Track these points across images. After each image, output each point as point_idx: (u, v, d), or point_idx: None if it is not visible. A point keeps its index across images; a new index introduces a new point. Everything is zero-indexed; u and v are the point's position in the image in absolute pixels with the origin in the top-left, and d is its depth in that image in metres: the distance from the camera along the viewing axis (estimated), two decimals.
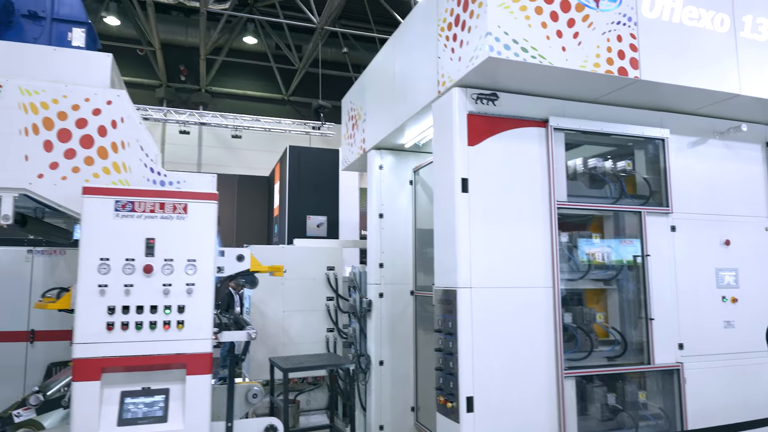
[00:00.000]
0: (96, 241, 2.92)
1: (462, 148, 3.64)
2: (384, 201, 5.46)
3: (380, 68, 5.31)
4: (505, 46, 3.30)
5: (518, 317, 3.67)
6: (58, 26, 3.91)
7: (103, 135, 3.39)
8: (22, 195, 3.26)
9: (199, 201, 3.12)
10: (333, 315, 6.01)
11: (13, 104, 3.25)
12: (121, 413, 2.90)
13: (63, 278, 5.73)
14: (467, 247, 3.58)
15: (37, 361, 5.59)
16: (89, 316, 2.88)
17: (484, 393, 3.51)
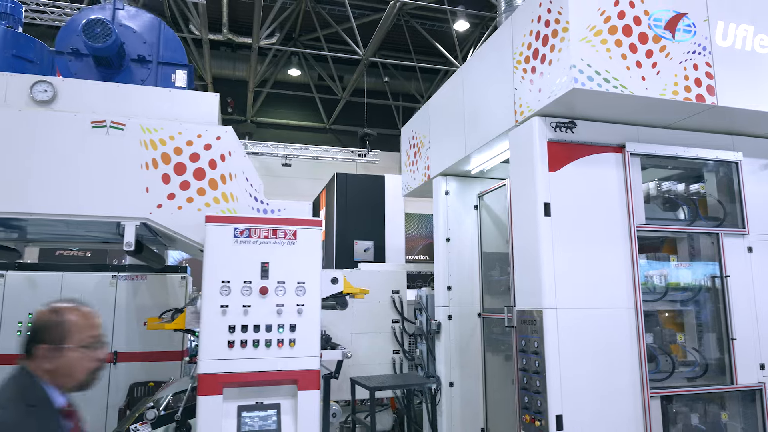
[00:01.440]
0: (218, 265, 3.17)
1: (543, 174, 3.82)
2: (450, 225, 5.64)
3: (447, 98, 5.55)
4: (588, 77, 3.50)
5: (602, 337, 3.76)
6: (163, 69, 4.28)
7: (214, 168, 3.69)
8: (142, 224, 3.56)
9: (306, 227, 3.36)
10: (399, 337, 6.15)
11: (135, 141, 3.58)
12: (240, 426, 3.10)
13: (144, 302, 6.06)
14: (551, 269, 3.72)
15: (119, 382, 5.88)
16: (212, 335, 3.11)
17: (572, 411, 3.60)
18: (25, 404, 1.68)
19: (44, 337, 1.77)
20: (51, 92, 3.51)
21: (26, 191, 3.38)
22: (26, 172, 3.39)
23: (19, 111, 3.45)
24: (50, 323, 1.80)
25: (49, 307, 1.86)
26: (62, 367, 1.76)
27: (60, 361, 1.75)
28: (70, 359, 1.77)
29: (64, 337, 1.77)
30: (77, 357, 1.78)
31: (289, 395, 3.26)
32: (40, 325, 1.81)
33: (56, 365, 1.75)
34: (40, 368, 1.76)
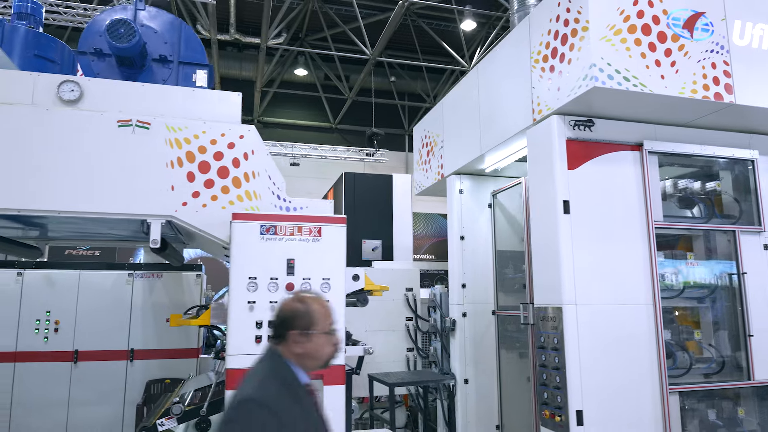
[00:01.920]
0: (245, 261, 3.22)
1: (562, 172, 3.86)
2: (464, 224, 5.68)
3: (461, 97, 5.59)
4: (608, 76, 3.53)
5: (620, 334, 3.80)
6: (184, 68, 4.33)
7: (237, 166, 3.73)
8: (167, 221, 3.61)
9: (331, 224, 3.41)
10: (413, 335, 6.20)
11: (161, 140, 3.63)
12: None
13: (160, 300, 6.11)
14: (571, 266, 3.76)
15: (136, 379, 5.94)
16: (240, 330, 3.15)
17: (592, 407, 3.64)
18: (279, 382, 1.88)
19: (294, 324, 1.95)
20: (78, 92, 3.56)
21: (54, 190, 3.43)
22: (54, 170, 3.44)
23: (46, 110, 3.49)
24: (299, 312, 1.98)
25: (296, 298, 2.07)
26: (310, 351, 1.96)
27: (308, 345, 1.95)
28: (316, 344, 1.96)
29: (312, 324, 1.95)
30: (322, 342, 1.98)
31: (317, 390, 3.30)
32: (289, 314, 1.99)
33: (305, 349, 1.95)
34: (291, 351, 1.96)
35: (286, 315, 1.99)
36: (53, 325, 5.80)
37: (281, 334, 1.97)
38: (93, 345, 5.86)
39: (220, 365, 3.60)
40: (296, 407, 1.86)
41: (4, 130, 3.40)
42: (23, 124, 3.44)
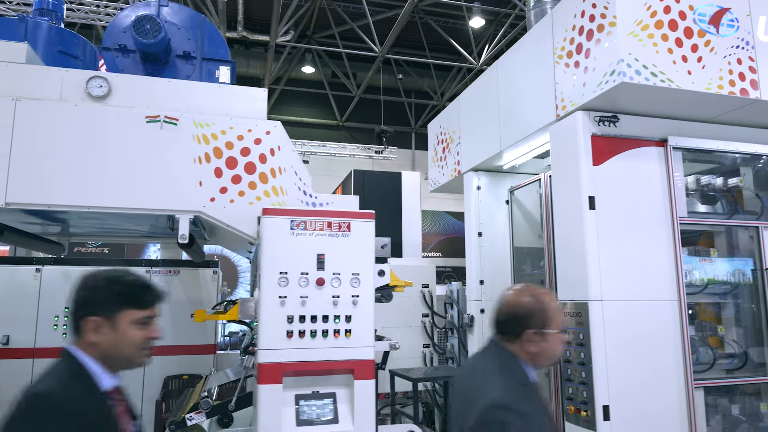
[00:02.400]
0: (275, 256, 3.23)
1: (588, 168, 3.86)
2: (482, 220, 5.69)
3: (479, 94, 5.59)
4: (636, 71, 3.54)
5: (646, 329, 3.81)
6: (207, 65, 4.33)
7: (264, 162, 3.74)
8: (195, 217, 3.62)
9: (360, 220, 3.41)
10: (429, 331, 6.21)
11: (188, 136, 3.64)
12: (298, 415, 3.16)
13: (177, 296, 6.12)
14: (597, 262, 3.77)
15: (154, 375, 5.95)
16: (271, 325, 3.17)
17: (618, 402, 3.65)
18: (516, 382, 1.82)
19: (530, 322, 1.86)
20: (106, 87, 3.57)
21: (83, 185, 3.44)
22: (83, 166, 3.45)
23: (75, 106, 3.50)
24: (535, 309, 1.88)
25: (526, 292, 1.95)
26: (545, 350, 1.88)
27: (543, 345, 1.86)
28: (551, 343, 1.88)
29: (548, 322, 1.87)
30: (556, 340, 1.89)
31: (343, 384, 3.32)
32: (524, 311, 1.88)
33: (540, 348, 1.86)
34: (525, 351, 1.87)
35: (521, 312, 1.89)
36: None
37: (514, 332, 1.88)
38: None
39: (248, 360, 3.61)
40: (534, 408, 1.81)
41: (33, 125, 3.41)
42: (52, 119, 3.45)
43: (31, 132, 3.40)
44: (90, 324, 1.61)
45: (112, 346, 1.62)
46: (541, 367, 1.96)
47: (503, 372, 1.84)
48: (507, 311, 1.94)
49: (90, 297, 1.64)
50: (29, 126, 3.40)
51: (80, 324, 1.63)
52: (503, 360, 1.88)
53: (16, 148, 3.36)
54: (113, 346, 1.62)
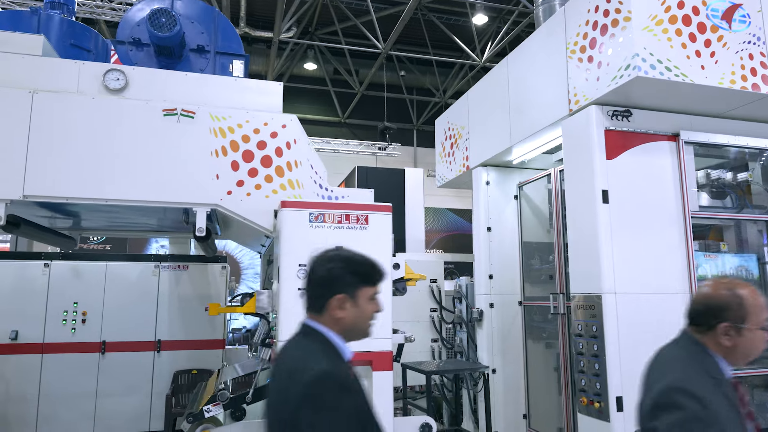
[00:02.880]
0: (294, 248, 3.25)
1: (601, 162, 3.89)
2: (491, 215, 5.72)
3: (489, 89, 5.61)
4: (651, 66, 3.56)
5: (658, 321, 3.84)
6: (220, 59, 4.34)
7: (280, 155, 3.76)
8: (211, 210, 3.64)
9: (377, 213, 3.43)
10: (437, 326, 6.24)
11: (205, 129, 3.65)
12: None
13: (186, 291, 6.14)
14: (610, 255, 3.80)
15: (163, 370, 5.97)
16: (291, 317, 3.18)
17: (631, 393, 3.68)
18: (706, 374, 1.78)
19: (725, 315, 1.83)
20: (123, 80, 3.58)
21: (100, 178, 3.45)
22: (101, 159, 3.46)
23: (92, 99, 3.51)
24: (732, 302, 1.85)
25: (726, 285, 1.92)
26: (740, 346, 1.84)
27: (738, 340, 1.82)
28: (748, 339, 1.83)
29: (746, 317, 1.83)
30: (756, 337, 1.84)
31: (363, 376, 3.33)
32: (720, 303, 1.86)
33: (735, 343, 1.83)
34: (716, 343, 1.85)
35: (716, 304, 1.86)
36: (80, 317, 5.82)
37: (708, 324, 1.85)
38: (120, 336, 5.89)
39: (264, 352, 3.63)
40: (723, 403, 1.72)
41: (50, 118, 3.42)
42: (69, 112, 3.46)
43: (48, 124, 3.41)
44: (336, 301, 1.73)
45: (352, 320, 1.75)
46: (737, 364, 1.89)
47: (691, 361, 1.82)
48: (702, 302, 1.93)
49: (334, 277, 1.76)
50: (46, 118, 3.41)
51: (325, 302, 1.74)
52: (692, 351, 1.86)
53: (34, 141, 3.37)
54: (353, 320, 1.75)
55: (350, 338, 1.79)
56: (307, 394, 1.52)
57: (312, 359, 1.62)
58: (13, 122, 3.34)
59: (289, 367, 1.68)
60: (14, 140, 3.32)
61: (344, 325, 1.74)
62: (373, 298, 1.80)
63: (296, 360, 1.67)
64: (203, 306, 6.15)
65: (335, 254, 1.82)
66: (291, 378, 1.60)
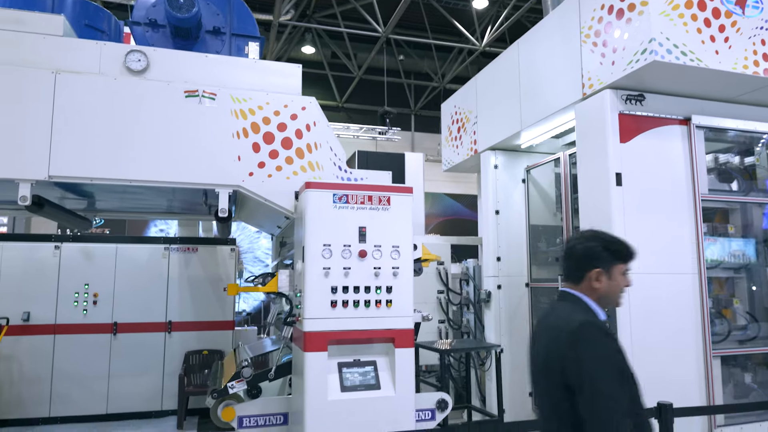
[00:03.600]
0: (319, 228, 3.30)
1: (615, 145, 3.96)
2: (499, 198, 5.79)
3: (498, 73, 5.65)
4: (667, 50, 3.62)
5: (668, 301, 3.95)
6: (236, 40, 4.35)
7: (300, 137, 3.80)
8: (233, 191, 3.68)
9: (399, 194, 3.49)
10: (444, 307, 6.34)
11: (226, 111, 3.68)
12: (342, 381, 3.27)
13: (195, 273, 6.19)
14: (622, 237, 3.88)
15: (174, 351, 6.04)
16: (316, 295, 3.25)
17: (641, 370, 3.78)
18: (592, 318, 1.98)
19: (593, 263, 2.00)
20: (145, 62, 3.59)
21: (124, 159, 3.47)
22: (124, 140, 3.48)
23: (114, 80, 3.52)
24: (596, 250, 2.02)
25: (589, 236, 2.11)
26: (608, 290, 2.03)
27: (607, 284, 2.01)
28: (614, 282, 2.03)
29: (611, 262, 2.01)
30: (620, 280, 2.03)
31: (383, 353, 3.43)
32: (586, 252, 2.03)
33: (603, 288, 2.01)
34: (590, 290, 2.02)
35: (583, 254, 2.03)
36: (92, 298, 5.86)
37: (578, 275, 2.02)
38: (131, 317, 5.94)
39: (286, 331, 3.70)
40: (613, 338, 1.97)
41: (73, 98, 3.43)
42: (92, 93, 3.47)
43: (71, 105, 3.42)
44: (594, 274, 1.99)
45: (606, 291, 2.01)
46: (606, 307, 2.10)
47: (578, 310, 2.01)
48: (570, 255, 2.09)
49: (593, 253, 2.02)
50: (69, 99, 3.42)
51: (584, 274, 2.01)
52: (574, 302, 2.05)
53: (57, 122, 3.39)
54: (607, 291, 2.01)
55: (602, 306, 2.06)
56: (573, 338, 1.84)
57: (575, 314, 1.93)
58: (37, 103, 3.35)
59: (553, 323, 2.00)
60: (38, 121, 3.34)
61: (599, 294, 2.01)
62: (624, 273, 2.05)
63: (560, 317, 1.98)
64: (213, 288, 6.21)
65: (593, 234, 2.10)
66: (557, 329, 1.92)
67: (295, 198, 3.72)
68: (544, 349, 1.98)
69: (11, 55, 3.40)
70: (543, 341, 2.01)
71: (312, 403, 3.16)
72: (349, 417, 3.20)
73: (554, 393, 1.88)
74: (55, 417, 5.65)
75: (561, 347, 1.86)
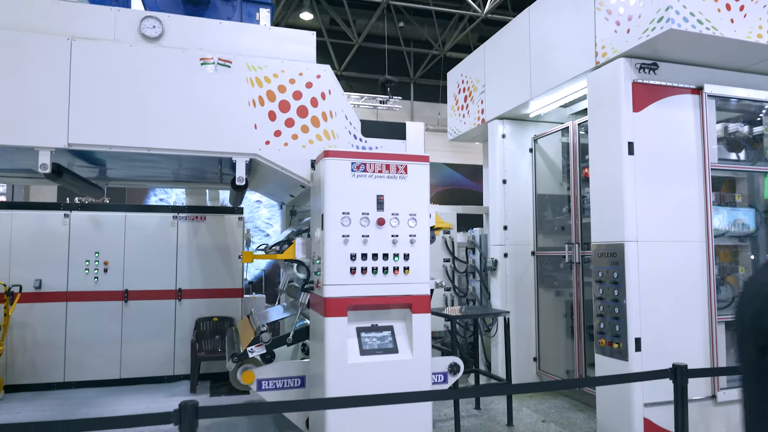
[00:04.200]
0: (338, 197, 3.34)
1: (628, 115, 3.99)
2: (507, 168, 5.83)
3: (507, 41, 5.61)
4: (684, 18, 3.62)
5: (676, 268, 4.05)
6: (247, 6, 4.29)
7: (315, 106, 3.80)
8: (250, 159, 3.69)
9: (416, 162, 3.52)
10: (450, 275, 6.44)
11: (242, 79, 3.66)
12: (361, 345, 3.36)
13: (204, 241, 6.23)
14: (633, 205, 3.96)
15: (185, 317, 6.13)
16: (336, 262, 3.31)
17: (648, 335, 3.92)
18: None
19: None
20: (159, 28, 3.55)
21: (143, 127, 3.47)
22: (141, 108, 3.48)
23: (130, 46, 3.49)
24: None
25: None
26: None
27: None
28: None
29: None
30: None
31: (399, 318, 3.51)
32: None
33: None
34: None
35: None
36: (102, 266, 5.91)
37: None
38: (142, 285, 6.01)
39: (303, 297, 3.78)
40: None
41: (90, 65, 3.40)
42: (108, 60, 3.44)
43: (88, 72, 3.40)
44: None
45: None
46: None
47: None
48: None
49: None
50: (86, 66, 3.40)
51: None
52: None
53: (75, 89, 3.37)
54: None
55: None
56: None
57: None
58: (54, 70, 3.32)
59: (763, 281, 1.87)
60: (56, 88, 3.32)
61: None
62: None
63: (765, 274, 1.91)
64: (221, 256, 6.27)
65: None
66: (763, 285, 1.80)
67: (311, 166, 3.74)
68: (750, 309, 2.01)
69: (26, 21, 3.35)
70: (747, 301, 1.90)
71: (333, 366, 3.26)
72: (368, 379, 3.30)
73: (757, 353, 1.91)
74: (70, 382, 5.76)
75: None
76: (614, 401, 3.99)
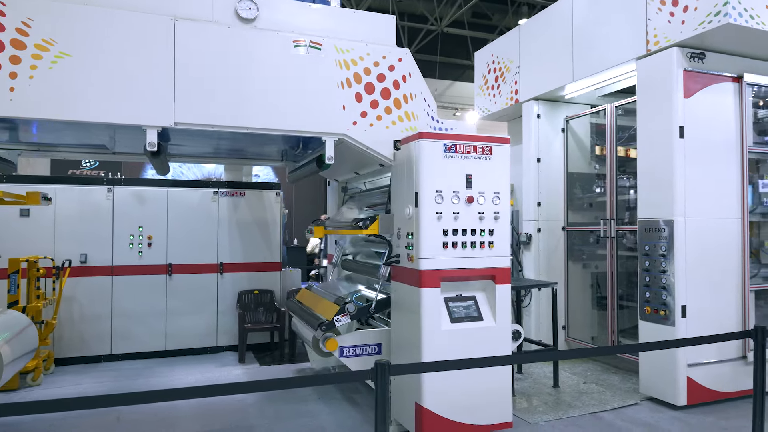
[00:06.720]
0: (432, 175, 3.57)
1: (679, 100, 4.32)
2: (540, 147, 6.13)
3: (547, 24, 5.85)
4: (739, 13, 3.93)
5: (716, 242, 4.45)
6: None
7: (397, 88, 3.98)
8: (338, 139, 3.87)
9: (499, 144, 3.77)
10: None
11: (331, 61, 3.81)
12: (450, 313, 3.64)
13: (244, 216, 6.37)
14: (682, 185, 4.32)
15: (227, 290, 6.30)
16: (430, 237, 3.56)
17: (692, 302, 4.34)
18: None
19: None
20: (255, 10, 3.65)
21: (242, 107, 3.59)
22: (239, 88, 3.59)
23: (228, 28, 3.59)
24: None
25: None
26: None
27: None
28: None
29: None
30: None
31: (480, 289, 3.80)
32: None
33: None
34: None
35: None
36: (146, 240, 5.99)
37: None
38: (185, 259, 6.12)
39: (384, 269, 4.02)
40: None
41: (192, 46, 3.49)
42: (209, 41, 3.53)
43: (191, 53, 3.49)
44: None
45: None
46: None
47: None
48: None
49: None
50: (189, 47, 3.49)
51: None
52: None
53: (179, 69, 3.46)
54: None
55: None
56: None
57: None
58: (160, 50, 3.40)
59: None
60: (162, 68, 3.40)
61: None
62: None
63: None
64: (260, 230, 6.42)
65: None
66: None
67: (393, 147, 3.94)
68: None
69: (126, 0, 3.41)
70: None
71: (428, 332, 3.54)
72: (457, 344, 3.60)
73: None
74: (117, 354, 5.88)
75: None
76: (659, 363, 4.41)
